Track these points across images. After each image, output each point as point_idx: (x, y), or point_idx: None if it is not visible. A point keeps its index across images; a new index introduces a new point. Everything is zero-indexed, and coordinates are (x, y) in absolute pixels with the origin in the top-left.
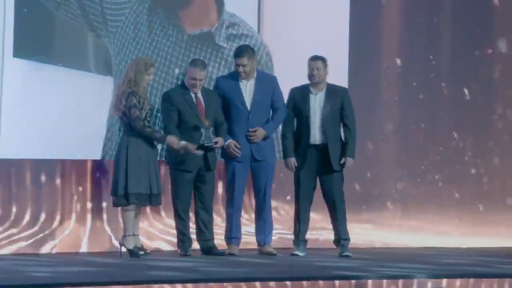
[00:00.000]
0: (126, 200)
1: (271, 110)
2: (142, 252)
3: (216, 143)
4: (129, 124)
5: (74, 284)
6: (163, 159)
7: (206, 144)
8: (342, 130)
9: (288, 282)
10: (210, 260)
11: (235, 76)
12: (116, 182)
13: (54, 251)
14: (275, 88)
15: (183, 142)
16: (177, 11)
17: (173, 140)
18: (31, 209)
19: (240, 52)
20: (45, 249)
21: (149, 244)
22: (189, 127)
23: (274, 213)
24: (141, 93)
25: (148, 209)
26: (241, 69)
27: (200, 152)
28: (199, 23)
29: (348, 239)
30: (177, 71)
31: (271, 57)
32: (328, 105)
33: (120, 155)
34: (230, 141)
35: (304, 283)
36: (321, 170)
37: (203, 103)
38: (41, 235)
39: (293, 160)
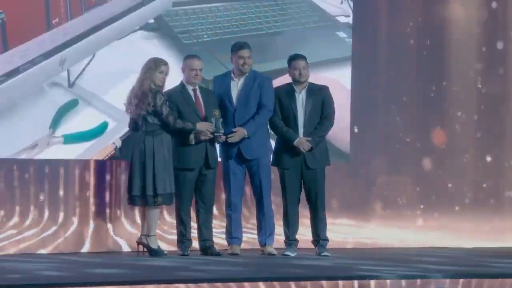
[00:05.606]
0: (155, 201)
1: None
2: (166, 252)
3: (224, 134)
4: (159, 123)
5: (77, 284)
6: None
7: (215, 134)
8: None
9: (291, 283)
10: (211, 260)
11: (228, 75)
12: (143, 182)
13: (57, 251)
14: (264, 87)
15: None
16: None
17: (204, 125)
18: (34, 208)
19: (242, 45)
20: (48, 249)
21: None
22: None
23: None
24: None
25: None
26: (245, 61)
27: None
28: None
29: (327, 240)
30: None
31: None
32: (309, 103)
33: (146, 155)
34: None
35: (308, 283)
36: (305, 170)
37: (201, 102)
38: (44, 234)
39: (303, 139)
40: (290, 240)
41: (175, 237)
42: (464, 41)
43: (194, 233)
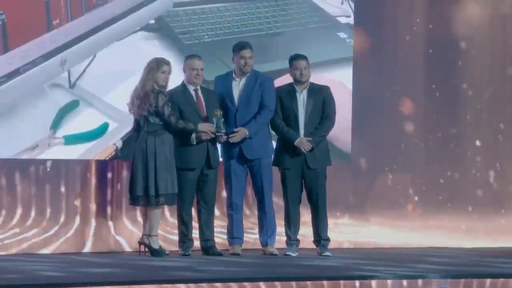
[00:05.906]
0: (157, 201)
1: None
2: (167, 252)
3: (226, 134)
4: (160, 124)
5: (77, 284)
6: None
7: (217, 134)
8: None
9: (293, 282)
10: (213, 260)
11: (230, 75)
12: (145, 182)
13: (58, 251)
14: (266, 87)
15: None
16: None
17: (205, 125)
18: (36, 209)
19: (244, 45)
20: (50, 249)
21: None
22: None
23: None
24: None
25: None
26: (247, 61)
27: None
28: None
29: (328, 239)
30: None
31: None
32: (310, 103)
33: (148, 155)
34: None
35: (309, 283)
36: (306, 170)
37: (203, 101)
38: (46, 235)
39: (303, 139)
40: (292, 240)
41: (176, 237)
42: (471, 39)
43: (195, 233)
